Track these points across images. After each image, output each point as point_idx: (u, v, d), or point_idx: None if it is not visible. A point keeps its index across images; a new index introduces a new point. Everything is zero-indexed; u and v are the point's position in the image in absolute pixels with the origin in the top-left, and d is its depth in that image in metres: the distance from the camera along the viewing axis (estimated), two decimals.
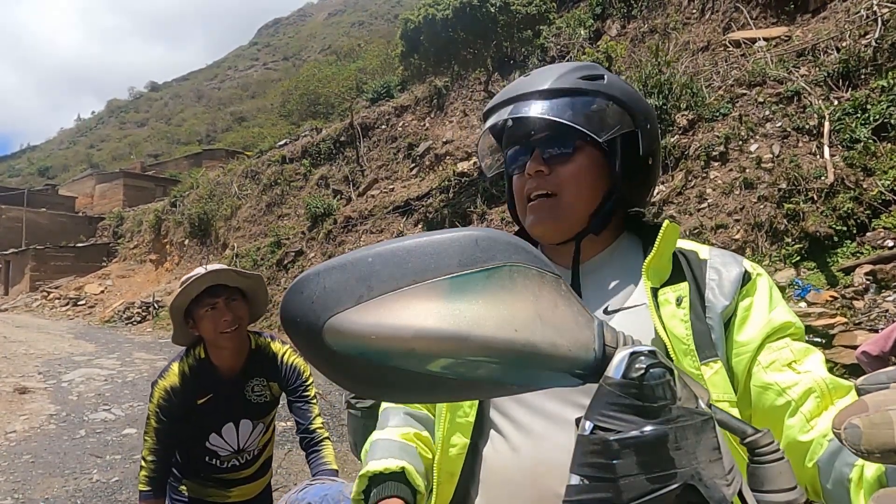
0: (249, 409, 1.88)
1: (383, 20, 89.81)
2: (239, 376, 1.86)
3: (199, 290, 1.75)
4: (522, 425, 0.79)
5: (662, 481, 0.35)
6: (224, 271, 1.80)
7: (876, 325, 4.58)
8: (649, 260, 0.77)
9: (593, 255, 0.86)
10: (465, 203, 11.09)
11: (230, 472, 1.95)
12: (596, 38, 11.54)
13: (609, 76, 0.82)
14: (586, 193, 0.81)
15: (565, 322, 0.41)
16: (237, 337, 1.81)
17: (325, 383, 7.63)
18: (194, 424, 1.84)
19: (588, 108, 0.79)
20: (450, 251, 0.39)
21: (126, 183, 31.23)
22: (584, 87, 0.79)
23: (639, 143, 0.81)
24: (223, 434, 1.87)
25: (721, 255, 0.82)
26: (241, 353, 1.86)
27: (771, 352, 0.73)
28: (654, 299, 0.76)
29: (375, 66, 24.56)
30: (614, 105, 0.80)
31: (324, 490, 1.62)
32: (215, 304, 1.75)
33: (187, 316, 1.79)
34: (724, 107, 7.67)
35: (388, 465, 0.83)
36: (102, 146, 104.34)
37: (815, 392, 0.68)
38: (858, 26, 7.17)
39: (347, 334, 0.37)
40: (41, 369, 9.25)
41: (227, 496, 1.96)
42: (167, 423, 1.80)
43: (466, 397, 0.47)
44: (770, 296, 0.78)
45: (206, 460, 1.90)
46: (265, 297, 1.92)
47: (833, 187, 6.07)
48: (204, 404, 1.82)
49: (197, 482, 1.94)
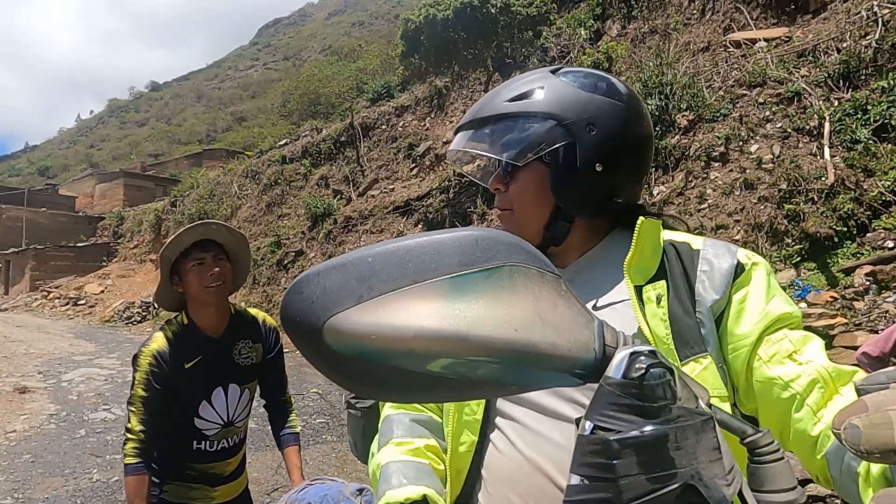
0: (236, 372, 1.89)
1: (384, 20, 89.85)
2: (225, 338, 1.88)
3: (192, 239, 1.78)
4: (518, 421, 0.79)
5: (663, 481, 0.35)
6: (215, 224, 1.85)
7: (876, 326, 4.58)
8: (629, 259, 0.78)
9: (583, 254, 0.86)
10: (466, 203, 11.09)
11: (218, 461, 1.90)
12: (596, 39, 11.54)
13: (547, 87, 0.81)
14: (533, 209, 0.84)
15: (565, 322, 0.41)
16: (221, 293, 1.83)
17: (325, 383, 7.63)
18: (183, 393, 1.81)
19: (509, 133, 0.81)
20: (450, 251, 0.39)
21: (126, 183, 31.22)
22: (507, 112, 0.81)
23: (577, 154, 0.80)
24: (213, 401, 1.84)
25: (714, 245, 0.81)
26: (223, 314, 1.88)
27: (770, 345, 0.73)
28: (638, 297, 0.76)
29: (376, 67, 24.57)
30: (542, 121, 0.79)
31: (323, 490, 1.62)
32: (203, 260, 1.79)
33: (173, 273, 1.81)
34: (725, 107, 7.67)
35: (409, 495, 0.79)
36: (103, 146, 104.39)
37: (818, 383, 0.68)
38: (859, 27, 7.17)
39: (347, 334, 0.37)
40: (41, 369, 9.25)
41: (212, 496, 1.91)
42: (158, 390, 1.75)
43: (466, 397, 0.47)
44: (767, 286, 0.76)
45: (194, 447, 1.85)
46: (248, 262, 1.98)
47: (833, 188, 6.07)
48: (192, 368, 1.81)
49: (181, 483, 1.87)
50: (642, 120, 0.84)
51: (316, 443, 5.63)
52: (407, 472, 0.84)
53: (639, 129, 0.83)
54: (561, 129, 0.79)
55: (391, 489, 0.80)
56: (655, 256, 0.79)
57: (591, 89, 0.81)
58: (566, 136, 0.79)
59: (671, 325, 0.74)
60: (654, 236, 0.80)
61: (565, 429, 0.75)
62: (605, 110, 0.80)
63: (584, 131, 0.79)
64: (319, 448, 5.47)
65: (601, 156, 0.80)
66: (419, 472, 0.84)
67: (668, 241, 0.82)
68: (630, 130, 0.82)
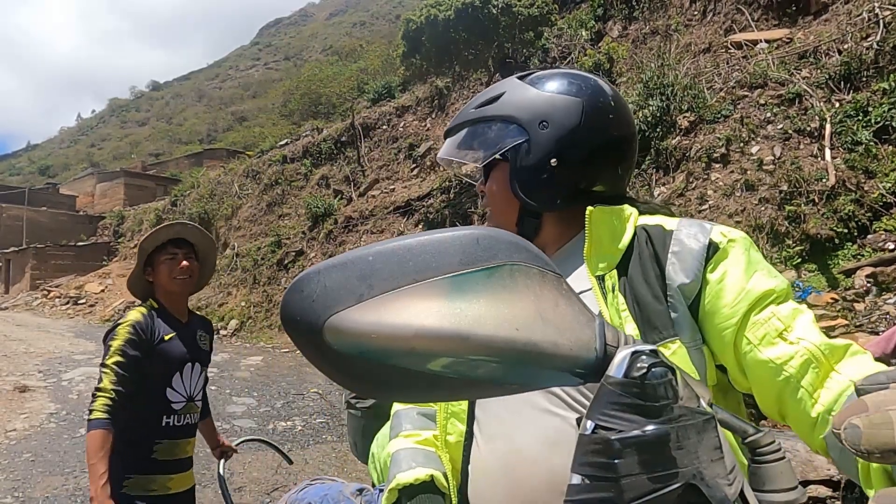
0: (199, 353, 2.12)
1: (385, 20, 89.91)
2: (190, 323, 2.13)
3: (168, 236, 2.04)
4: (496, 415, 0.80)
5: (664, 481, 0.35)
6: (191, 225, 2.14)
7: (877, 328, 4.58)
8: (586, 249, 0.80)
9: (560, 247, 0.88)
10: (466, 203, 11.09)
11: (182, 437, 2.03)
12: (597, 40, 11.55)
13: (510, 92, 0.86)
14: (504, 208, 0.89)
15: (566, 321, 0.40)
16: (186, 286, 2.07)
17: (325, 383, 7.64)
18: (162, 361, 1.97)
19: (477, 137, 0.87)
20: (451, 250, 0.39)
21: (127, 182, 31.22)
22: (473, 118, 0.88)
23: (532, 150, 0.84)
24: (183, 375, 2.03)
25: (688, 225, 0.79)
26: (185, 304, 2.15)
27: (759, 326, 0.70)
28: (601, 286, 0.78)
29: (377, 67, 24.56)
30: (500, 123, 0.85)
31: (323, 490, 1.62)
32: (175, 255, 2.03)
33: (146, 265, 2.05)
34: (726, 108, 7.67)
35: (417, 476, 0.84)
36: (103, 145, 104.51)
37: (812, 363, 0.66)
38: (860, 29, 7.17)
39: (348, 333, 0.37)
40: (41, 368, 9.25)
41: (168, 486, 1.99)
42: (135, 356, 1.89)
43: (467, 396, 0.47)
44: (746, 262, 0.74)
45: (163, 422, 1.97)
46: (214, 265, 2.24)
47: (834, 189, 6.07)
48: (171, 340, 2.01)
49: (141, 476, 1.93)
50: (610, 113, 0.84)
51: (316, 443, 5.63)
52: (416, 457, 0.88)
53: (602, 122, 0.83)
54: (517, 127, 0.84)
55: (401, 472, 0.85)
56: (615, 243, 0.80)
57: (554, 90, 0.84)
58: (521, 133, 0.83)
59: (638, 310, 0.74)
60: (609, 224, 0.81)
61: (536, 419, 0.75)
62: (560, 107, 0.83)
63: (538, 128, 0.83)
64: (319, 448, 5.47)
65: (556, 151, 0.82)
66: (427, 457, 0.88)
67: (641, 225, 0.82)
68: (589, 125, 0.82)
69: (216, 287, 16.28)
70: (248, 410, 6.87)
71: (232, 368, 9.56)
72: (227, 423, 6.24)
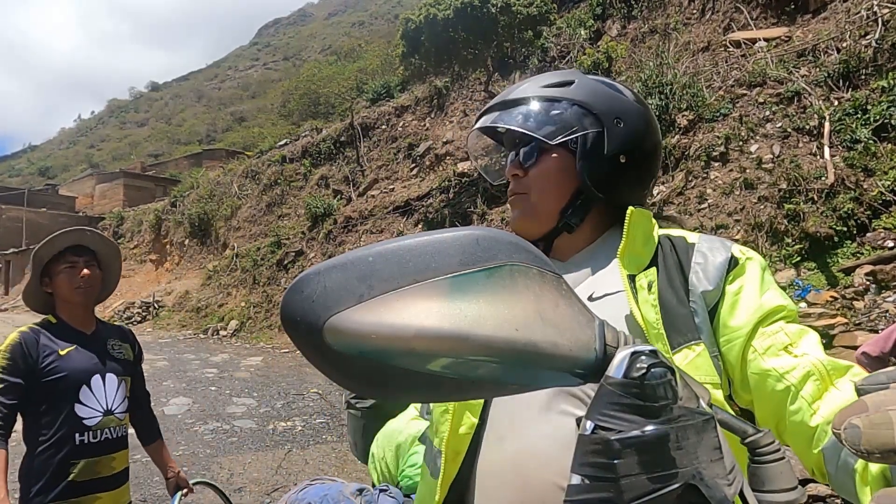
0: (112, 362, 1.99)
1: (384, 20, 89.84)
2: (96, 334, 2.00)
3: (66, 243, 1.90)
4: (507, 414, 0.79)
5: (664, 481, 0.35)
6: (90, 231, 1.99)
7: (876, 326, 4.58)
8: (622, 248, 0.81)
9: (580, 250, 0.89)
10: (466, 203, 11.10)
11: (103, 454, 1.91)
12: (596, 39, 11.55)
13: (580, 82, 0.87)
14: (552, 192, 0.87)
15: (566, 321, 0.40)
16: (88, 296, 1.95)
17: (325, 383, 7.64)
18: (63, 376, 1.85)
19: (545, 115, 0.86)
20: (451, 250, 0.39)
21: (126, 183, 31.24)
22: (544, 95, 0.86)
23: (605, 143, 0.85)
24: (92, 387, 1.90)
25: (709, 240, 0.83)
26: (90, 315, 2.02)
27: (766, 337, 0.73)
28: (632, 285, 0.79)
29: (376, 67, 24.56)
30: (575, 108, 0.85)
31: (324, 490, 1.62)
32: (75, 263, 1.90)
33: (44, 275, 1.91)
34: (725, 107, 7.68)
35: None
36: (103, 146, 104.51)
37: (813, 375, 0.68)
38: (859, 27, 7.17)
39: (348, 333, 0.37)
40: None
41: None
42: (15, 383, 1.79)
43: (467, 397, 0.47)
44: (761, 279, 0.78)
45: (77, 441, 1.86)
46: (118, 273, 2.10)
47: (833, 188, 6.07)
48: (69, 354, 1.89)
49: (62, 500, 1.85)
50: (656, 128, 0.91)
51: (316, 443, 5.63)
52: None
53: (655, 136, 0.90)
54: (592, 117, 0.84)
55: None
56: (648, 246, 0.82)
57: (618, 91, 0.88)
58: (597, 124, 0.84)
59: (663, 314, 0.76)
60: (644, 226, 0.83)
61: (548, 420, 0.74)
62: (631, 110, 0.87)
63: (613, 123, 0.84)
64: (319, 448, 5.47)
65: (626, 148, 0.85)
66: None
67: (664, 234, 0.85)
68: (650, 133, 0.88)
69: (216, 287, 16.30)
70: (248, 411, 6.87)
71: (232, 369, 9.57)
72: (227, 424, 6.25)
